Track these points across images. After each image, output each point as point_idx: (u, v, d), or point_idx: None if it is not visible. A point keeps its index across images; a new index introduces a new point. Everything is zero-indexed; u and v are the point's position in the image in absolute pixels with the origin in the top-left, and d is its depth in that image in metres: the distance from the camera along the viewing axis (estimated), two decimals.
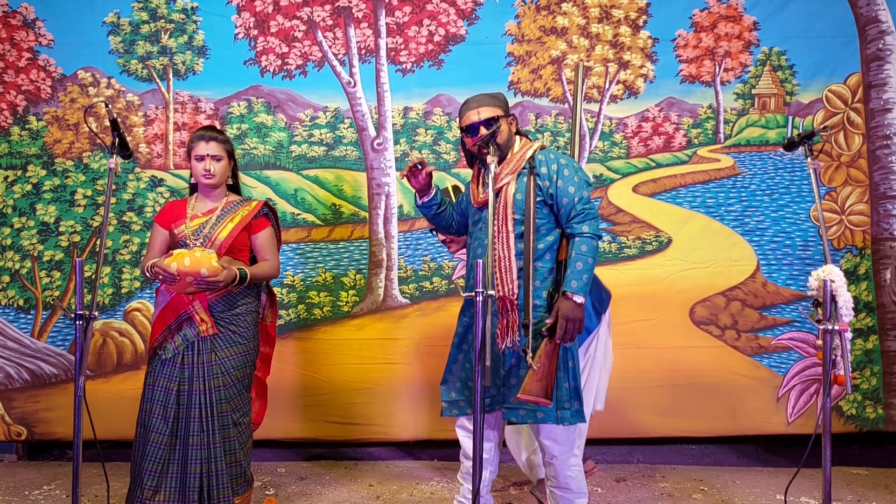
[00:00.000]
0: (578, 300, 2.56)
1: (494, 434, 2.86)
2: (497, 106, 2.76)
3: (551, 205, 2.68)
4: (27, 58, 3.96)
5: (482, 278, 2.51)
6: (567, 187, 2.65)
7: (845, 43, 3.96)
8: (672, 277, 3.93)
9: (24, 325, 3.97)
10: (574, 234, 2.64)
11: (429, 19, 3.98)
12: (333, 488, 3.58)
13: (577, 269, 2.58)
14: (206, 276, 2.66)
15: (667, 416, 3.91)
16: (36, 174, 3.97)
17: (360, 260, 3.99)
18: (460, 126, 2.80)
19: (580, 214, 2.64)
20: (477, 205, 2.78)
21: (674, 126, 4.01)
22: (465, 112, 2.76)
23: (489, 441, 2.82)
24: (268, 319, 3.13)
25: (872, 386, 3.93)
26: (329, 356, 3.97)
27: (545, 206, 2.69)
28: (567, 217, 2.65)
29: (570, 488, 2.78)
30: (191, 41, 3.98)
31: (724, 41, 3.99)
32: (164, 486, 2.79)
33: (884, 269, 3.93)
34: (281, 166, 4.01)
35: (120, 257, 3.97)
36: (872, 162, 3.97)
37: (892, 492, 3.53)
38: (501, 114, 2.75)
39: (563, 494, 2.79)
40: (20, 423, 3.94)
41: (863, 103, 3.97)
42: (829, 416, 2.44)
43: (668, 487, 3.58)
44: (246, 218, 2.93)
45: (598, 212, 2.70)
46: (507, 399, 2.69)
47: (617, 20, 4.00)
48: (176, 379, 2.83)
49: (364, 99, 3.99)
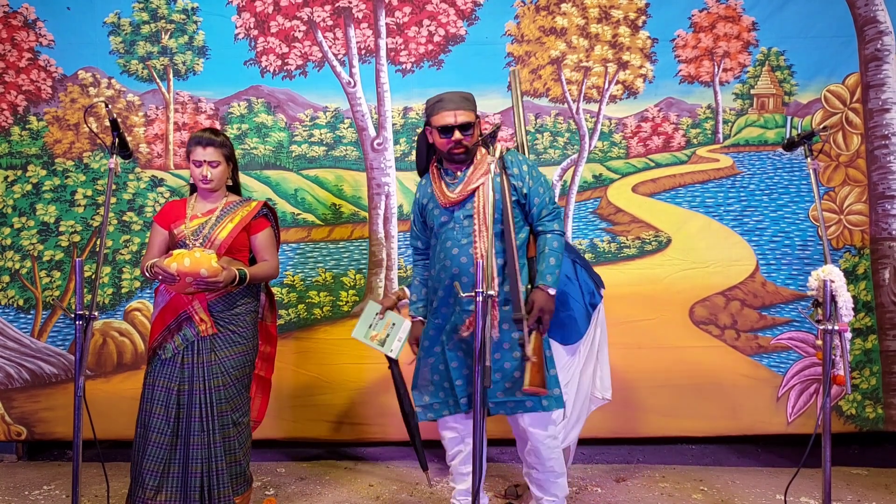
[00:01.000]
0: (552, 292, 2.72)
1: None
2: (472, 110, 2.79)
3: (524, 204, 2.80)
4: (28, 58, 3.97)
5: (482, 278, 2.52)
6: (537, 188, 2.79)
7: (844, 43, 3.96)
8: (671, 277, 3.93)
9: (24, 325, 3.97)
10: (546, 231, 2.78)
11: (429, 20, 3.98)
12: (333, 488, 3.58)
13: (550, 263, 2.73)
14: (205, 277, 2.66)
15: (667, 415, 3.91)
16: (36, 174, 3.97)
17: (360, 260, 4.00)
18: (432, 123, 2.77)
19: (551, 214, 2.80)
20: (446, 205, 2.78)
21: (673, 126, 4.02)
22: (441, 111, 2.75)
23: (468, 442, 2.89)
24: (268, 320, 3.13)
25: (872, 386, 3.94)
26: (329, 356, 3.97)
27: (517, 206, 2.78)
28: (538, 216, 2.79)
29: (554, 470, 2.85)
30: (191, 41, 3.98)
31: (722, 41, 4.00)
32: (165, 486, 2.79)
33: (882, 268, 3.94)
34: (281, 166, 4.01)
35: (120, 257, 3.97)
36: (871, 162, 3.98)
37: (892, 492, 3.53)
38: (475, 118, 2.79)
39: (548, 478, 2.85)
40: (20, 423, 3.94)
41: (861, 103, 3.97)
42: (829, 416, 2.45)
43: (668, 487, 3.59)
44: (245, 218, 2.93)
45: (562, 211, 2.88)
46: (494, 394, 2.73)
47: (616, 20, 4.00)
48: (176, 379, 2.83)
49: (364, 99, 4.00)
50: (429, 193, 2.87)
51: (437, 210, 2.82)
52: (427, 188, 2.89)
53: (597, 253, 3.96)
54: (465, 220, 2.76)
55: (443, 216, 2.80)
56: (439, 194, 2.80)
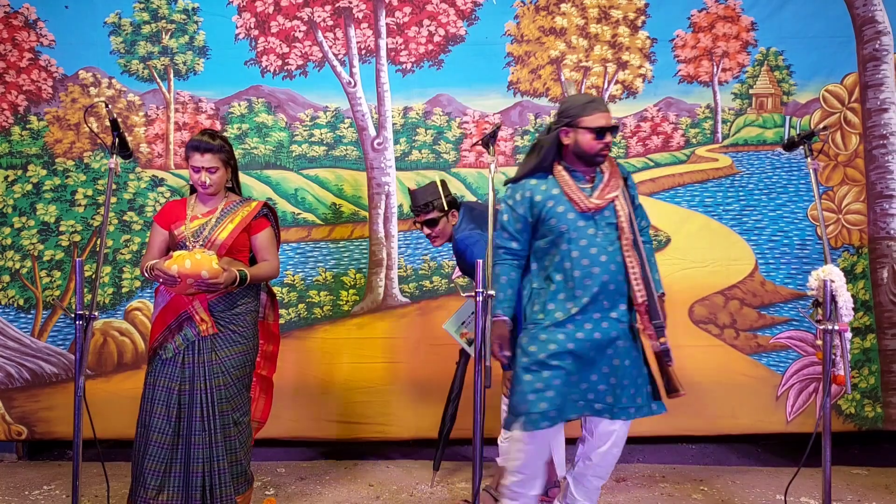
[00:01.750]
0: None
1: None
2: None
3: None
4: (28, 58, 3.97)
5: (482, 278, 2.53)
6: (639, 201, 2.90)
7: (842, 43, 3.97)
8: (671, 277, 3.93)
9: (24, 325, 3.97)
10: (647, 242, 2.86)
11: (429, 20, 3.99)
12: (333, 488, 3.59)
13: (657, 271, 2.84)
14: (206, 279, 2.66)
15: (666, 415, 3.89)
16: (36, 174, 3.98)
17: (361, 259, 4.00)
18: (581, 123, 2.67)
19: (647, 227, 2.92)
20: (585, 210, 2.69)
21: (672, 126, 4.03)
22: (595, 112, 2.66)
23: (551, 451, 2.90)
24: (269, 319, 3.13)
25: (871, 385, 3.95)
26: (329, 355, 3.97)
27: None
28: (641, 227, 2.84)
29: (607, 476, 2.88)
30: (192, 41, 3.99)
31: (722, 41, 4.01)
32: (167, 486, 2.79)
33: (881, 267, 3.95)
34: (281, 166, 4.02)
35: (120, 257, 3.98)
36: (869, 161, 3.99)
37: (892, 492, 3.54)
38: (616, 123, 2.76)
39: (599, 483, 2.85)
40: (20, 423, 3.94)
41: (859, 103, 3.98)
42: (829, 417, 2.45)
43: (668, 487, 3.59)
44: (246, 219, 2.93)
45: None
46: (620, 400, 2.69)
47: (615, 20, 4.01)
48: (177, 379, 2.83)
49: (364, 99, 4.00)
50: (552, 194, 2.74)
51: (571, 213, 2.70)
52: (549, 188, 2.75)
53: None
54: (606, 227, 2.69)
55: (580, 220, 2.70)
56: (578, 197, 2.69)
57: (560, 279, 2.69)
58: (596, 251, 2.66)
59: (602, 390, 2.67)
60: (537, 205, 2.73)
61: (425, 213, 3.27)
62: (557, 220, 2.69)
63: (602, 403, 2.68)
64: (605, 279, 2.65)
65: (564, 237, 2.68)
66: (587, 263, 2.66)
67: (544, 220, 2.72)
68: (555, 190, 2.72)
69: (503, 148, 4.00)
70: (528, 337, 2.71)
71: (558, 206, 2.70)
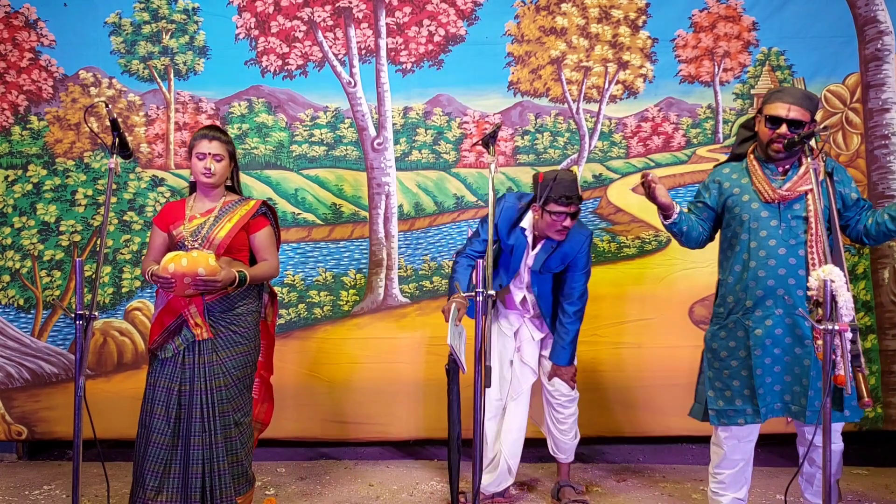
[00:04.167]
0: None
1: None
2: (810, 110, 2.66)
3: (839, 210, 2.71)
4: (29, 58, 3.97)
5: (482, 278, 2.52)
6: (852, 192, 2.77)
7: (844, 43, 3.97)
8: (671, 277, 3.93)
9: (24, 325, 3.97)
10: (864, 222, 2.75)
11: (429, 19, 3.98)
12: (333, 488, 3.59)
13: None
14: (203, 276, 2.66)
15: (667, 415, 3.90)
16: (37, 174, 3.98)
17: (361, 259, 4.00)
18: (764, 111, 2.64)
19: (867, 206, 2.79)
20: (771, 200, 2.66)
21: (673, 126, 4.02)
22: (776, 101, 2.63)
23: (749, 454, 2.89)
24: (269, 318, 3.13)
25: (871, 385, 3.94)
26: (329, 355, 3.97)
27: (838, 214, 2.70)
28: (858, 208, 2.76)
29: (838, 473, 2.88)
30: (192, 41, 3.99)
31: (723, 41, 4.00)
32: (166, 487, 2.78)
33: (882, 268, 3.94)
34: (281, 166, 4.02)
35: (120, 257, 3.98)
36: (871, 161, 3.98)
37: (892, 492, 3.54)
38: (809, 120, 2.66)
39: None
40: (20, 423, 3.95)
41: (861, 103, 3.98)
42: (830, 417, 2.44)
43: (668, 487, 3.59)
44: (244, 217, 2.92)
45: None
46: (813, 403, 2.66)
47: (616, 20, 4.01)
48: (177, 379, 2.82)
49: (364, 99, 4.00)
50: (740, 182, 2.73)
51: (756, 203, 2.69)
52: (739, 177, 2.74)
53: (597, 252, 3.96)
54: (793, 220, 2.65)
55: (763, 210, 2.67)
56: (764, 187, 2.67)
57: (738, 270, 2.71)
58: (775, 243, 2.64)
59: (777, 390, 2.70)
60: (721, 189, 2.77)
61: (577, 205, 3.05)
62: (738, 206, 2.70)
63: (777, 403, 2.70)
64: (783, 272, 2.62)
65: (741, 224, 2.70)
66: (763, 255, 2.64)
67: (729, 207, 2.74)
68: (743, 178, 2.73)
69: (503, 148, 4.00)
70: (710, 333, 2.81)
71: (740, 193, 2.71)
